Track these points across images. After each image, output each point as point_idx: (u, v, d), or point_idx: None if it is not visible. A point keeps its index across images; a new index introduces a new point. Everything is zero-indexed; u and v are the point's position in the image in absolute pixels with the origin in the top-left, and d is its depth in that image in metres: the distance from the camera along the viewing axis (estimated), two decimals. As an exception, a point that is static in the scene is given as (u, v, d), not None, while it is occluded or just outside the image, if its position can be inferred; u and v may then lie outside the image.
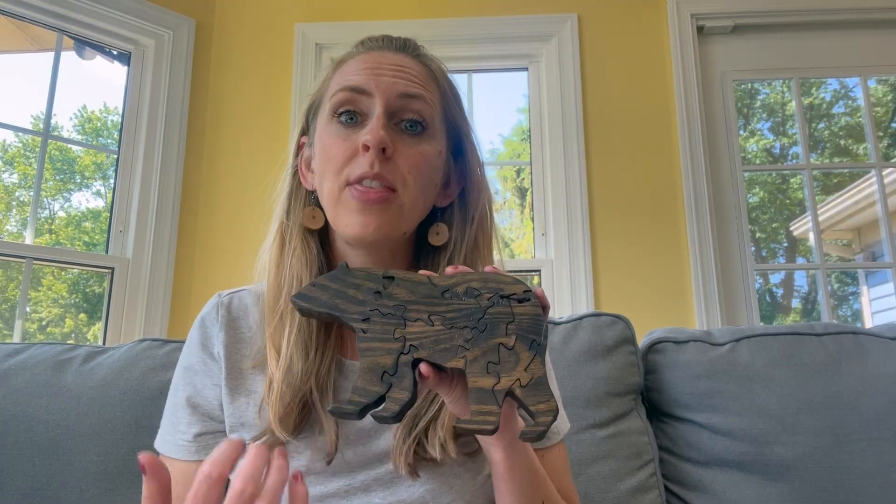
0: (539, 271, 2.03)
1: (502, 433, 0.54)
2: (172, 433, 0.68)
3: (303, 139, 0.72)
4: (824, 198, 2.60)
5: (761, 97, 2.51)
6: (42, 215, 2.37)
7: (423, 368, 0.48)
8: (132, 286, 1.91)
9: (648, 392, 1.04)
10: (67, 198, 2.36)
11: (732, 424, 0.95)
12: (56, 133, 2.04)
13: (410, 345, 0.49)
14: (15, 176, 2.18)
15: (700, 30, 2.15)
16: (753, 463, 0.94)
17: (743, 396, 0.96)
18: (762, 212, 2.54)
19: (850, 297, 2.94)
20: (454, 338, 0.49)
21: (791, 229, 2.56)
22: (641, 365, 1.04)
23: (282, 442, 0.61)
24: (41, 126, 1.96)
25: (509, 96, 2.32)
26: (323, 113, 0.67)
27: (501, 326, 0.49)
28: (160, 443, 0.69)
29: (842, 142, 2.46)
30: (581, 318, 1.04)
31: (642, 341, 1.08)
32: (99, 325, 1.95)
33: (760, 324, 2.03)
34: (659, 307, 1.94)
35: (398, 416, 0.47)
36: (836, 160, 2.45)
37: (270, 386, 0.62)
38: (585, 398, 0.96)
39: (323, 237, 0.70)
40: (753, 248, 2.17)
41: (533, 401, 0.47)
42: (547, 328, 0.50)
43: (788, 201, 2.56)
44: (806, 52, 2.18)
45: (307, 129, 0.72)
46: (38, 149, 1.97)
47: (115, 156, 2.04)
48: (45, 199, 2.34)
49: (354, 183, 0.61)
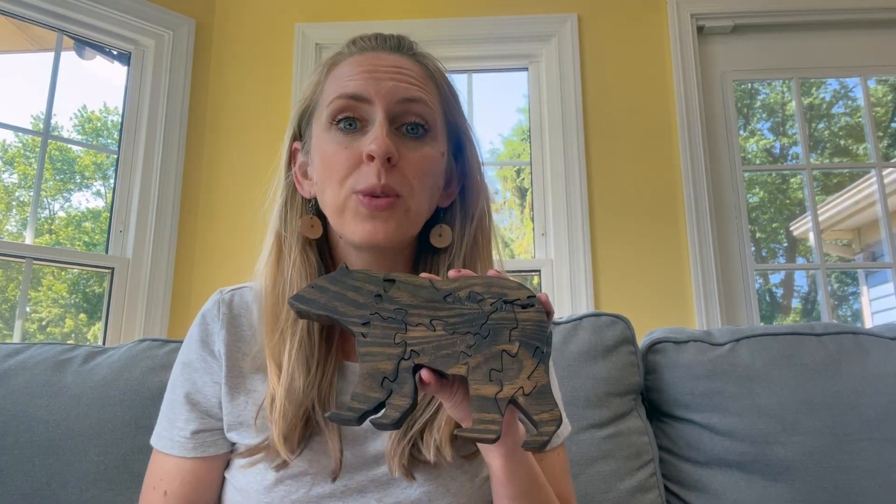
0: (539, 271, 2.03)
1: (503, 440, 0.53)
2: (169, 429, 0.67)
3: (295, 145, 0.70)
4: (824, 198, 2.60)
5: (761, 97, 2.51)
6: (42, 215, 2.37)
7: (425, 375, 0.47)
8: (132, 286, 1.91)
9: (648, 392, 1.04)
10: (67, 198, 2.36)
11: (732, 424, 0.95)
12: (56, 133, 2.04)
13: (411, 350, 0.48)
14: (15, 176, 2.18)
15: (700, 30, 2.15)
16: (753, 463, 0.94)
17: (743, 396, 0.96)
18: (762, 212, 2.54)
19: (850, 297, 2.94)
20: (456, 343, 0.48)
21: (791, 229, 2.56)
22: (641, 365, 1.04)
23: (284, 461, 0.60)
24: (41, 126, 1.96)
25: (509, 96, 2.32)
26: (319, 119, 0.65)
27: (505, 333, 0.48)
28: (156, 439, 0.68)
29: (842, 142, 2.46)
30: (581, 319, 1.04)
31: (642, 341, 1.08)
32: (99, 325, 1.95)
33: (760, 324, 2.03)
34: (659, 307, 1.94)
35: (398, 424, 0.47)
36: (836, 160, 2.45)
37: (273, 403, 0.61)
38: (585, 398, 0.96)
39: (320, 245, 0.68)
40: (753, 248, 2.17)
41: (536, 410, 0.46)
42: (551, 335, 0.49)
43: (788, 201, 2.56)
44: (806, 52, 2.18)
45: (300, 135, 0.70)
46: (38, 149, 1.97)
47: (115, 156, 2.04)
48: (45, 199, 2.34)
49: (361, 192, 0.60)
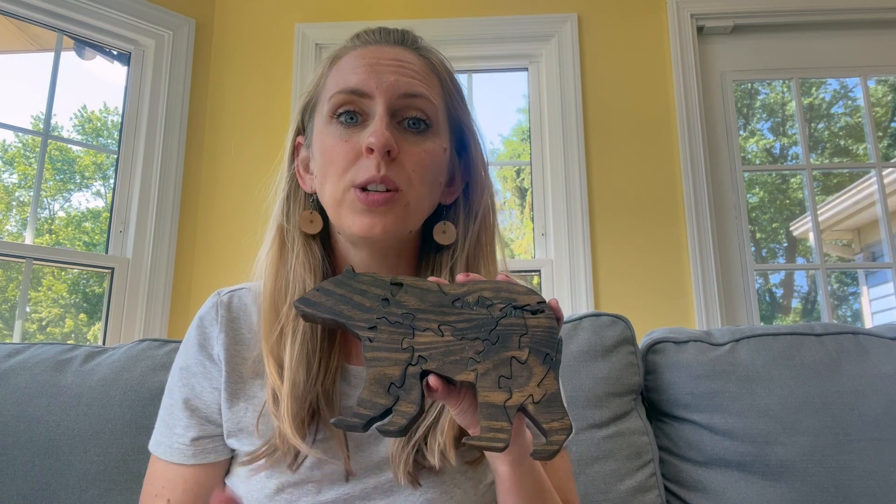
0: (539, 271, 2.03)
1: (510, 448, 0.51)
2: (168, 436, 0.65)
3: (299, 139, 0.70)
4: (824, 198, 2.60)
5: (761, 97, 2.51)
6: (42, 215, 2.37)
7: (432, 381, 0.47)
8: (132, 286, 1.91)
9: (648, 392, 1.04)
10: (67, 198, 2.36)
11: (732, 424, 0.95)
12: (56, 133, 2.04)
13: (419, 356, 0.47)
14: (15, 176, 2.18)
15: (700, 30, 2.15)
16: (753, 463, 0.94)
17: (743, 396, 0.96)
18: (762, 212, 2.54)
19: (850, 298, 2.94)
20: (465, 349, 0.47)
21: (791, 229, 2.56)
22: (641, 365, 1.04)
23: (296, 454, 0.60)
24: (41, 126, 1.96)
25: (509, 96, 2.32)
26: (321, 113, 0.65)
27: (514, 339, 0.47)
28: (154, 445, 0.67)
29: (842, 142, 2.46)
30: (581, 319, 1.04)
31: (642, 341, 1.08)
32: (99, 326, 1.95)
33: (760, 324, 2.03)
34: (659, 307, 1.94)
35: (404, 431, 0.46)
36: (836, 160, 2.45)
37: (276, 399, 0.60)
38: (585, 398, 0.96)
39: (323, 240, 0.67)
40: (753, 248, 2.17)
41: (546, 418, 0.45)
42: (561, 341, 0.48)
43: (788, 201, 2.56)
44: (806, 52, 2.18)
45: (303, 129, 0.69)
46: (38, 149, 1.97)
47: (115, 156, 2.04)
48: (45, 199, 2.34)
49: (359, 185, 0.59)
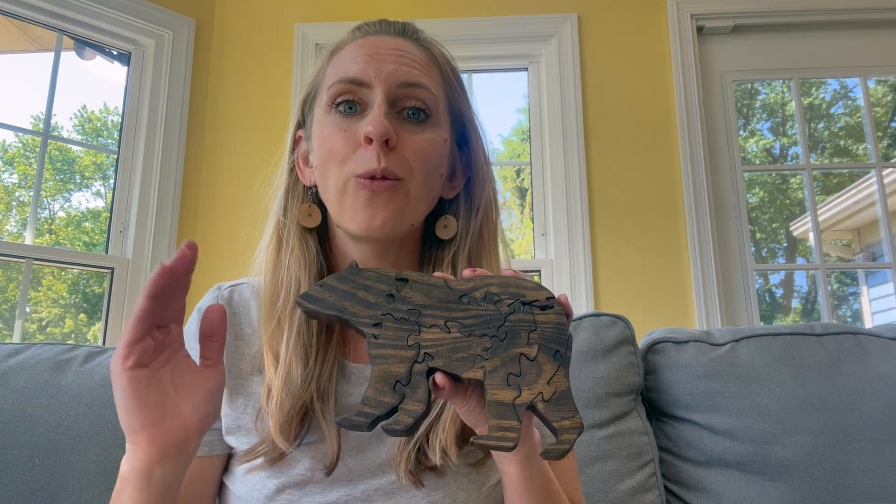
0: (539, 271, 2.03)
1: (519, 447, 0.50)
2: None
3: (299, 133, 0.69)
4: (824, 198, 2.60)
5: (761, 97, 2.51)
6: (42, 215, 2.37)
7: (439, 379, 0.45)
8: (132, 286, 1.91)
9: (648, 392, 1.04)
10: (67, 198, 2.36)
11: (732, 424, 0.95)
12: (56, 133, 2.04)
13: (425, 353, 0.46)
14: (15, 176, 2.18)
15: (700, 30, 2.15)
16: (753, 463, 0.94)
17: (743, 396, 0.96)
18: (762, 212, 2.54)
19: (850, 298, 2.94)
20: (472, 346, 0.46)
21: (791, 229, 2.56)
22: (641, 365, 1.04)
23: (282, 453, 0.59)
24: (41, 126, 1.96)
25: (509, 96, 2.32)
26: (320, 103, 0.64)
27: (523, 335, 0.45)
28: None
29: (841, 142, 2.46)
30: (581, 319, 1.04)
31: (642, 341, 1.08)
32: (99, 326, 1.95)
33: (760, 324, 2.03)
34: (659, 307, 1.94)
35: (411, 430, 0.44)
36: (836, 160, 2.45)
37: (269, 393, 0.59)
38: (585, 398, 0.96)
39: (321, 236, 0.67)
40: (753, 248, 2.17)
41: (556, 416, 0.43)
42: (571, 338, 0.46)
43: (788, 201, 2.56)
44: (806, 52, 2.18)
45: (303, 122, 0.69)
46: (38, 149, 1.97)
47: (115, 156, 2.04)
48: (45, 199, 2.34)
49: (359, 176, 0.58)
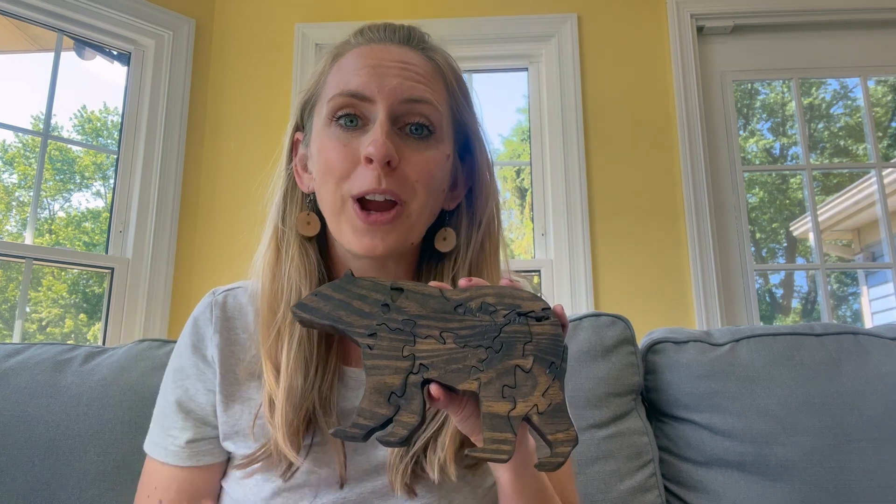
0: (539, 271, 2.03)
1: (514, 456, 0.50)
2: (163, 437, 0.64)
3: (297, 136, 0.68)
4: (824, 198, 2.60)
5: (761, 97, 2.51)
6: (42, 215, 2.37)
7: (434, 390, 0.45)
8: (132, 286, 1.91)
9: (648, 392, 1.04)
10: (67, 198, 2.36)
11: (732, 424, 0.95)
12: (56, 133, 2.04)
13: (420, 364, 0.45)
14: (15, 176, 2.18)
15: (700, 30, 2.15)
16: (753, 463, 0.94)
17: (743, 396, 0.96)
18: (762, 212, 2.54)
19: (850, 298, 2.94)
20: (467, 357, 0.45)
21: (791, 229, 2.56)
22: (641, 365, 1.04)
23: (290, 464, 0.58)
24: (41, 126, 1.96)
25: (509, 96, 2.32)
26: (320, 113, 0.62)
27: (518, 347, 0.45)
28: (150, 446, 0.66)
29: (841, 142, 2.46)
30: (581, 319, 1.04)
31: (642, 341, 1.08)
32: (99, 326, 1.95)
33: (760, 324, 2.03)
34: (659, 307, 1.94)
35: (406, 441, 0.45)
36: (836, 160, 2.45)
37: (272, 405, 0.59)
38: (585, 398, 0.96)
39: (320, 243, 0.65)
40: (753, 248, 2.17)
41: (551, 429, 0.43)
42: (566, 349, 0.46)
43: (788, 201, 2.56)
44: (806, 52, 2.18)
45: (302, 126, 0.67)
46: (38, 149, 1.97)
47: (115, 156, 2.04)
48: (45, 199, 2.34)
49: (358, 196, 0.57)
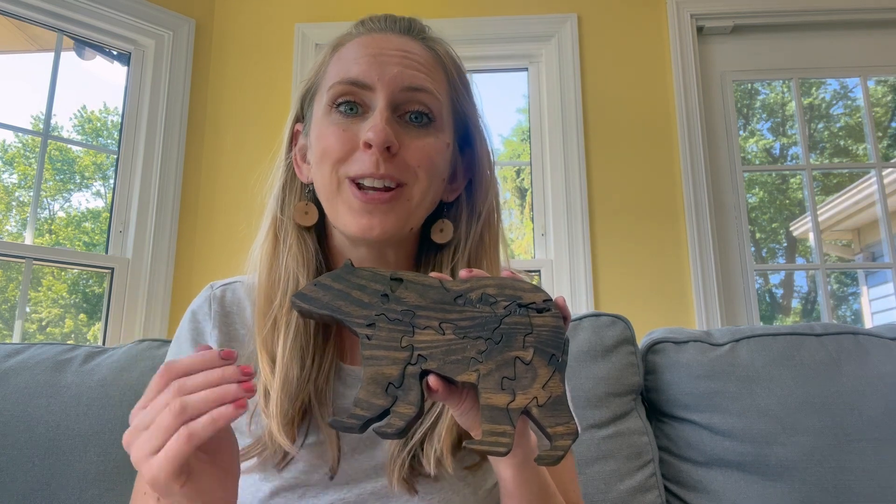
0: (539, 271, 2.03)
1: (514, 451, 0.50)
2: None
3: (297, 127, 0.68)
4: (824, 198, 2.60)
5: (761, 97, 2.51)
6: (42, 215, 2.37)
7: (432, 382, 0.45)
8: (132, 286, 1.91)
9: (648, 392, 1.04)
10: (67, 198, 2.36)
11: (732, 425, 0.95)
12: (56, 133, 2.04)
13: (419, 355, 0.45)
14: (15, 176, 2.18)
15: (700, 30, 2.15)
16: (753, 463, 0.94)
17: (743, 397, 0.96)
18: (762, 212, 2.54)
19: (850, 298, 2.94)
20: (466, 349, 0.45)
21: (791, 229, 2.56)
22: (641, 365, 1.04)
23: (285, 454, 0.58)
24: (41, 126, 1.96)
25: (509, 96, 2.32)
26: (320, 102, 0.62)
27: (518, 338, 0.45)
28: None
29: (841, 142, 2.46)
30: (581, 319, 1.04)
31: (642, 341, 1.08)
32: (99, 326, 1.95)
33: (760, 324, 2.03)
34: (659, 307, 1.93)
35: (403, 433, 0.44)
36: (836, 160, 2.45)
37: (267, 395, 0.58)
38: (585, 398, 0.96)
39: (319, 232, 0.65)
40: (753, 249, 2.17)
41: (551, 422, 0.43)
42: (567, 342, 0.46)
43: (788, 201, 2.56)
44: (806, 52, 2.18)
45: (302, 116, 0.67)
46: (38, 149, 1.97)
47: (115, 156, 2.04)
48: (45, 200, 2.34)
49: (355, 178, 0.57)
